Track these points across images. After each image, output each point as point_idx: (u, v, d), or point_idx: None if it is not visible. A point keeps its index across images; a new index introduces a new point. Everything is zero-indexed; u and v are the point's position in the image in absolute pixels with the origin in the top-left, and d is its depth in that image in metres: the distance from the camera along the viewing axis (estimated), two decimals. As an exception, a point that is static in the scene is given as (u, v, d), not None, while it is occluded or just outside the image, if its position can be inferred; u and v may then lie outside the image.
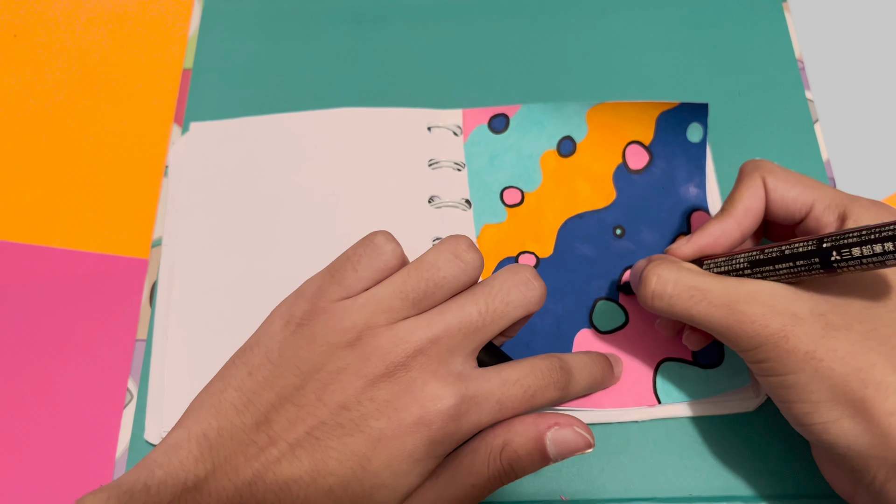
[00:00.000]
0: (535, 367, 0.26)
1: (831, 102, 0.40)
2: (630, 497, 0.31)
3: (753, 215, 0.29)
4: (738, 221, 0.29)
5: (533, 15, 0.42)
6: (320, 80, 0.41)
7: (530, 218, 0.35)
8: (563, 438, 0.25)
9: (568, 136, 0.37)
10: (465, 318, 0.25)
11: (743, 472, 0.31)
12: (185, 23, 0.44)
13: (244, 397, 0.24)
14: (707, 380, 0.32)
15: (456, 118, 0.38)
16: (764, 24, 0.41)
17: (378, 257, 0.26)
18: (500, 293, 0.26)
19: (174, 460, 0.23)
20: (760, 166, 0.29)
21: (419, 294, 0.25)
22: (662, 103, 0.36)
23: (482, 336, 0.26)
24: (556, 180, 0.36)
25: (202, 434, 0.23)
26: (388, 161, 0.37)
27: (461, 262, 0.26)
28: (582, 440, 0.25)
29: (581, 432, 0.25)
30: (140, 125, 0.41)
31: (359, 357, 0.24)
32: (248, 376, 0.25)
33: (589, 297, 0.34)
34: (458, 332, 0.25)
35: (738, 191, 0.29)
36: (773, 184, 0.29)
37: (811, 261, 0.25)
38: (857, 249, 0.24)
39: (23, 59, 0.43)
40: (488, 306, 0.26)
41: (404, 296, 0.25)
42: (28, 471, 0.33)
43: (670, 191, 0.36)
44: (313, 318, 0.25)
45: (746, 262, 0.27)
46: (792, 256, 0.25)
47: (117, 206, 0.39)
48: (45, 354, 0.35)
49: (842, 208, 0.27)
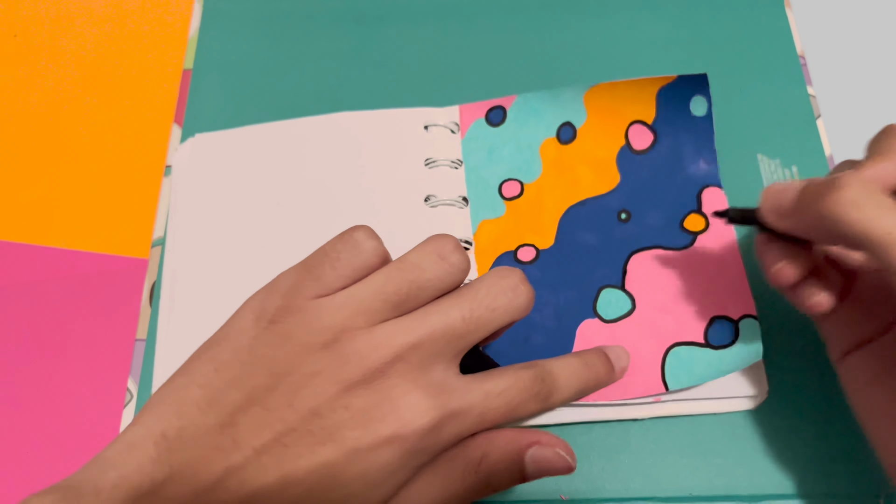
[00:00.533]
0: (519, 379, 0.25)
1: (833, 98, 0.39)
2: (630, 496, 0.30)
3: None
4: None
5: (533, 15, 0.42)
6: (320, 81, 0.41)
7: (530, 209, 0.35)
8: (542, 458, 0.24)
9: (567, 122, 0.36)
10: (448, 323, 0.24)
11: (743, 472, 0.31)
12: (186, 23, 0.44)
13: (209, 395, 0.22)
14: (719, 361, 0.31)
15: (453, 115, 0.38)
16: (765, 19, 0.41)
17: (358, 255, 0.25)
18: (487, 298, 0.25)
19: (129, 461, 0.21)
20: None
21: (401, 296, 0.24)
22: (660, 78, 0.34)
23: (465, 342, 0.25)
24: (556, 169, 0.35)
25: (161, 434, 0.22)
26: (385, 162, 0.37)
27: (446, 263, 0.25)
28: (562, 462, 0.25)
29: (562, 454, 0.24)
30: (140, 125, 0.41)
31: (335, 361, 0.23)
32: (215, 373, 0.23)
33: (593, 287, 0.33)
34: (440, 338, 0.24)
35: (885, 135, 0.24)
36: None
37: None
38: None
39: (23, 59, 0.43)
40: (473, 312, 0.24)
41: (385, 297, 0.24)
42: (28, 471, 0.33)
43: (678, 169, 0.34)
44: (287, 316, 0.24)
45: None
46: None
47: (117, 206, 0.39)
48: (45, 354, 0.35)
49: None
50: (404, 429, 0.22)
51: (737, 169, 0.37)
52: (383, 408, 0.22)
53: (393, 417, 0.22)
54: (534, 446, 0.24)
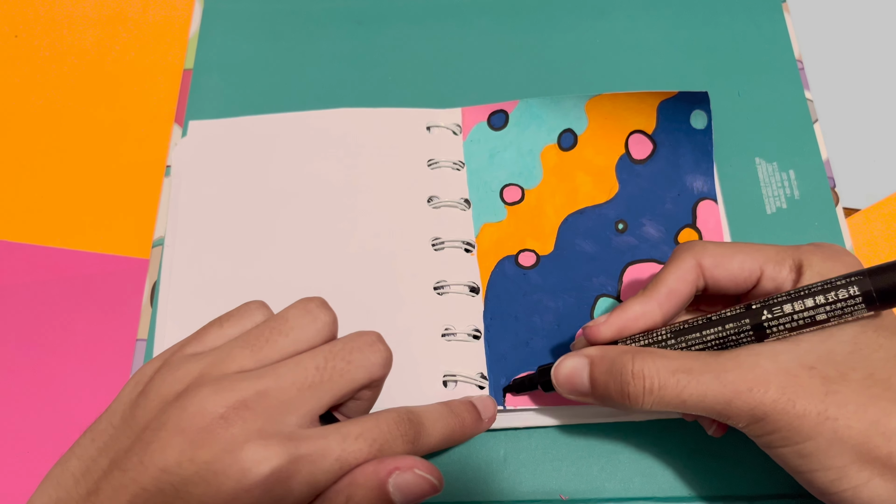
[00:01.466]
0: (381, 420, 0.24)
1: (831, 102, 0.40)
2: (629, 496, 0.31)
3: (677, 298, 0.27)
4: (659, 303, 0.27)
5: (533, 15, 0.42)
6: (320, 81, 0.41)
7: (530, 215, 0.35)
8: (405, 483, 0.23)
9: (569, 129, 0.36)
10: (299, 372, 0.23)
11: (743, 472, 0.31)
12: (186, 23, 0.44)
13: (83, 465, 0.23)
14: None
15: (455, 117, 0.38)
16: (763, 24, 0.41)
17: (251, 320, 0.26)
18: (343, 352, 0.24)
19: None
20: (693, 248, 0.27)
21: (261, 341, 0.24)
22: (661, 93, 0.35)
23: (320, 395, 0.24)
24: (556, 175, 0.36)
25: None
26: (387, 161, 0.37)
27: (311, 314, 0.25)
28: (426, 483, 0.24)
29: (423, 475, 0.24)
30: (141, 125, 0.41)
31: (179, 410, 0.22)
32: (91, 443, 0.23)
33: (590, 295, 0.34)
34: (290, 387, 0.23)
35: (664, 272, 0.28)
36: (710, 262, 0.27)
37: (741, 322, 0.24)
38: (789, 306, 0.23)
39: (24, 60, 0.43)
40: (327, 362, 0.24)
41: (245, 343, 0.24)
42: (29, 471, 0.33)
43: (675, 180, 0.35)
44: (156, 375, 0.24)
45: (669, 334, 0.26)
46: (720, 321, 0.25)
47: (118, 206, 0.39)
48: (46, 354, 0.35)
49: (793, 260, 0.26)
50: (246, 480, 0.21)
51: (735, 172, 0.37)
52: (225, 459, 0.21)
53: (235, 469, 0.21)
54: (394, 473, 0.23)
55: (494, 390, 0.32)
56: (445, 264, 0.34)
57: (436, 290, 0.33)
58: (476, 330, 0.33)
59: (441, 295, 0.33)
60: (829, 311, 0.24)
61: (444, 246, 0.34)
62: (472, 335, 0.33)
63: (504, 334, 0.33)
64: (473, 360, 0.32)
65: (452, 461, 0.32)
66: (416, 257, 0.34)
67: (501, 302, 0.33)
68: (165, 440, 0.22)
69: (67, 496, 0.22)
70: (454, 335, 0.33)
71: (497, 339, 0.33)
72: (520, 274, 0.34)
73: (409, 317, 0.33)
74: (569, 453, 0.32)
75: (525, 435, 0.32)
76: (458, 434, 0.28)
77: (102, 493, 0.22)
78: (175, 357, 0.24)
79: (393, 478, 0.23)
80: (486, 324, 0.33)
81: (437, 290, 0.34)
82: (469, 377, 0.32)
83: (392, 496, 0.23)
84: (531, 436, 0.32)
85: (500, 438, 0.32)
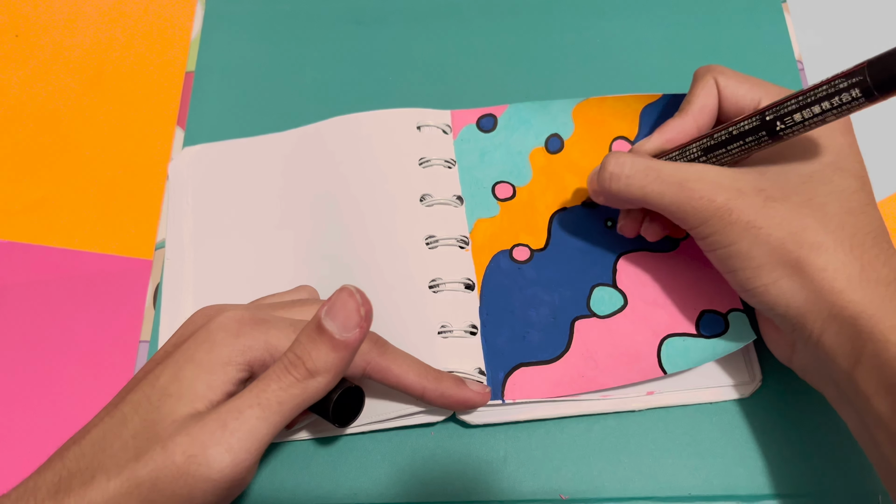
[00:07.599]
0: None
1: (831, 102, 0.40)
2: (629, 496, 0.31)
3: (708, 112, 0.31)
4: (694, 118, 0.31)
5: (531, 17, 0.43)
6: (321, 82, 0.41)
7: (523, 211, 0.36)
8: (333, 310, 0.25)
9: (555, 134, 0.37)
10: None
11: (742, 472, 0.31)
12: (188, 26, 0.44)
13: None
14: (713, 346, 0.32)
15: (445, 118, 0.38)
16: (763, 24, 0.41)
17: None
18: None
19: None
20: (712, 69, 0.31)
21: None
22: (646, 96, 0.36)
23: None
24: (545, 175, 0.36)
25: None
26: (379, 162, 0.37)
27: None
28: (351, 301, 0.26)
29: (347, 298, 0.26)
30: (143, 127, 0.41)
31: None
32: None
33: (585, 285, 0.34)
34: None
35: (693, 91, 0.31)
36: (724, 82, 0.31)
37: (759, 135, 0.27)
38: (798, 115, 0.26)
39: (25, 60, 0.43)
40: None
41: None
42: (30, 472, 0.33)
43: None
44: None
45: (699, 150, 0.29)
46: (741, 135, 0.28)
47: (121, 207, 0.39)
48: (49, 355, 0.35)
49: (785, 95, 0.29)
50: None
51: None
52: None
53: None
54: (324, 308, 0.26)
55: (492, 385, 0.32)
56: (440, 262, 0.34)
57: (431, 289, 0.34)
58: (472, 326, 0.33)
59: (436, 293, 0.34)
60: (833, 104, 0.25)
61: (437, 244, 0.35)
62: (469, 331, 0.33)
63: (500, 329, 0.33)
64: (471, 355, 0.32)
65: (452, 461, 0.32)
66: (411, 257, 0.34)
67: (497, 296, 0.34)
68: None
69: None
70: (451, 332, 0.33)
71: (494, 334, 0.33)
72: (515, 269, 0.34)
73: (406, 317, 0.33)
74: (569, 453, 0.32)
75: (525, 434, 0.32)
76: (432, 388, 0.30)
77: None
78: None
79: (324, 310, 0.25)
80: (483, 319, 0.33)
81: (433, 288, 0.34)
82: (467, 373, 0.32)
83: (324, 322, 0.25)
84: (531, 435, 0.32)
85: (500, 438, 0.32)
